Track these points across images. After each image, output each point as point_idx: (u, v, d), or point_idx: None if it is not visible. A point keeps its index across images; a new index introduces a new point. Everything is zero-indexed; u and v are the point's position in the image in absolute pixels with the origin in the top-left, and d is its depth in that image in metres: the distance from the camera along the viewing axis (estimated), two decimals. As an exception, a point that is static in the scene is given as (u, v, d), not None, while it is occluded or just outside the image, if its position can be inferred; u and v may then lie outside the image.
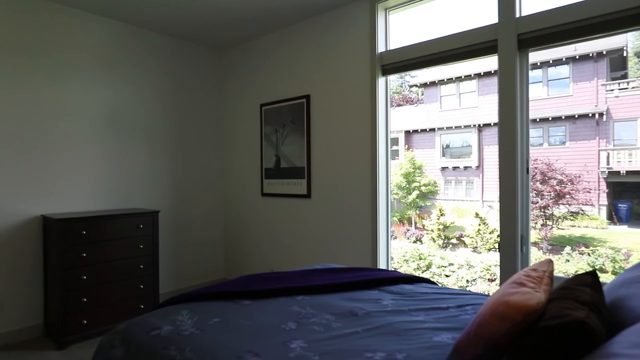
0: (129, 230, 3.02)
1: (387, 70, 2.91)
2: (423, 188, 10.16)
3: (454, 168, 11.23)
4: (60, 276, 2.67)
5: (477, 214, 7.97)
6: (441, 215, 8.36)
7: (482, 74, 10.71)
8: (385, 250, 2.92)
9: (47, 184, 2.97)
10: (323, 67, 3.25)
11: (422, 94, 12.72)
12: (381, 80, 2.93)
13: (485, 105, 10.67)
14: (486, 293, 2.94)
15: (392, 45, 2.95)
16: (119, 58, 3.38)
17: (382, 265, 2.90)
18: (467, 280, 5.48)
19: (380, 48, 2.92)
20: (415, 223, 10.13)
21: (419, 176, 10.32)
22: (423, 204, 10.37)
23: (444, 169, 11.43)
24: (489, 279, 5.33)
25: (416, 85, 13.31)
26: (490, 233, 7.60)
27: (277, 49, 3.64)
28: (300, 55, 3.43)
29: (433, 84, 11.85)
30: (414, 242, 8.72)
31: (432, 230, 8.34)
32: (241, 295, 1.71)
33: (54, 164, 3.01)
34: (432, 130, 11.76)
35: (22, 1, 2.85)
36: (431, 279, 2.01)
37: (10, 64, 2.80)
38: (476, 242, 7.73)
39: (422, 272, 5.85)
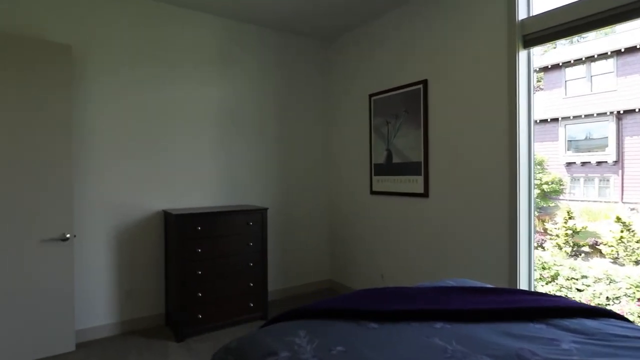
0: (240, 227, 2.99)
1: (530, 41, 2.35)
2: (545, 186, 8.89)
3: (583, 164, 9.58)
4: (179, 270, 2.73)
5: (618, 218, 6.66)
6: (569, 218, 7.20)
7: (622, 50, 8.85)
8: (526, 264, 2.39)
9: (168, 181, 3.10)
10: (444, 46, 2.80)
11: (541, 80, 11.12)
12: (522, 54, 2.39)
13: (626, 88, 8.84)
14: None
15: (537, 10, 2.38)
16: (231, 55, 3.40)
17: (522, 282, 2.37)
18: (607, 297, 4.52)
19: (522, 14, 2.37)
20: (535, 226, 8.92)
21: (539, 173, 9.06)
22: (544, 205, 9.08)
23: (569, 164, 9.83)
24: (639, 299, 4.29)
25: (535, 70, 11.72)
26: (637, 242, 6.29)
27: (386, 34, 3.29)
28: (415, 36, 3.03)
29: (556, 67, 10.22)
30: (535, 248, 7.66)
31: (557, 236, 7.26)
32: (365, 316, 1.43)
33: (174, 161, 3.12)
34: (555, 120, 10.19)
35: (143, 8, 2.99)
36: (620, 313, 1.46)
37: (136, 70, 2.96)
38: (617, 251, 6.47)
39: (546, 284, 5.01)
